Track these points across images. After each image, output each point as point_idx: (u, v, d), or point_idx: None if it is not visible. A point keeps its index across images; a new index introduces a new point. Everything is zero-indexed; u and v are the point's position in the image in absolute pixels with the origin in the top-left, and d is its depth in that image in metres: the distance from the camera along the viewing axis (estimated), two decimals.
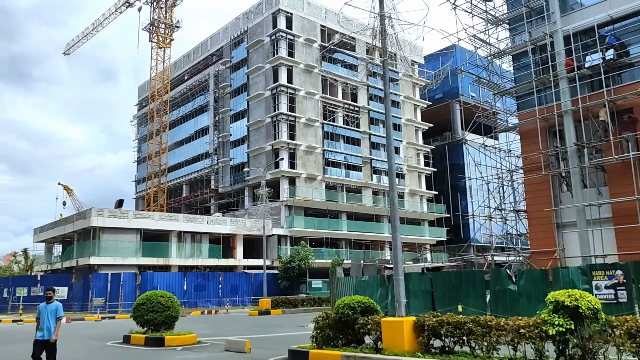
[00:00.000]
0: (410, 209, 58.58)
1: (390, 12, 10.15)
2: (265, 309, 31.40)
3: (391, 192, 10.04)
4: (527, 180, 21.12)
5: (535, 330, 7.74)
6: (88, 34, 66.88)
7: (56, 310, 9.38)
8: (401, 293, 9.80)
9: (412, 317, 9.53)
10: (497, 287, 16.13)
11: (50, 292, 9.73)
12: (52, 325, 9.21)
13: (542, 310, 15.47)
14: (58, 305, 9.48)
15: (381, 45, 10.48)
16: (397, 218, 9.98)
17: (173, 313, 15.77)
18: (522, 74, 21.92)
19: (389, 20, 10.13)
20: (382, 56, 10.47)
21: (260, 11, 54.29)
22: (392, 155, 10.29)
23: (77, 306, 34.77)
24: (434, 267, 25.17)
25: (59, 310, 9.42)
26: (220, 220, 45.40)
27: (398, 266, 9.76)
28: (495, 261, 22.74)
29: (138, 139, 72.26)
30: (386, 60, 10.62)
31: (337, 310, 10.33)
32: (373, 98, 58.08)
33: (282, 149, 49.96)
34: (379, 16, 10.26)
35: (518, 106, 22.19)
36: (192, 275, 38.90)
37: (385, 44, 10.39)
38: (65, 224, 42.71)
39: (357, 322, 10.05)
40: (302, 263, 42.32)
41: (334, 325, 10.38)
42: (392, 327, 9.46)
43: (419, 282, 18.30)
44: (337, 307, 10.39)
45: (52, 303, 9.47)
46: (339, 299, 10.68)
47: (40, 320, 9.30)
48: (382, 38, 10.38)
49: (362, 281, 20.69)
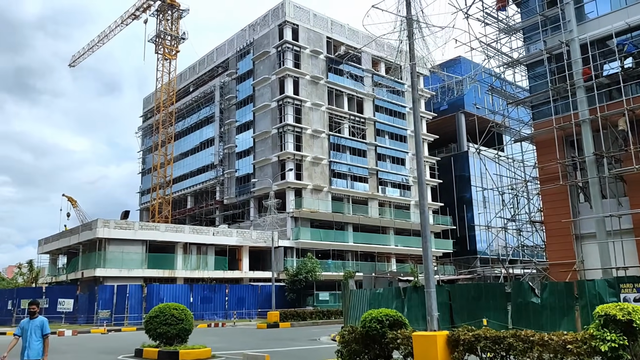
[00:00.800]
0: (416, 220, 58.09)
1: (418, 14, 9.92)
2: (273, 321, 30.90)
3: (421, 200, 9.72)
4: (544, 190, 20.76)
5: (584, 345, 7.34)
6: (94, 46, 67.04)
7: (42, 326, 8.21)
8: (433, 306, 9.43)
9: (445, 332, 9.15)
10: (519, 300, 15.69)
11: (33, 306, 8.44)
12: (37, 344, 8.10)
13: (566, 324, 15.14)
14: (43, 321, 8.30)
15: (409, 49, 10.22)
16: (428, 227, 9.65)
17: (186, 326, 15.38)
18: (537, 83, 21.66)
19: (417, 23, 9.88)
20: (411, 60, 10.18)
21: (267, 23, 54.41)
22: (421, 163, 10.00)
23: (82, 318, 34.28)
24: (449, 280, 24.73)
25: (45, 327, 8.26)
26: (226, 231, 45.02)
27: (430, 278, 9.41)
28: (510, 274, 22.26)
29: (143, 150, 72.16)
30: (414, 65, 10.33)
31: (363, 323, 9.95)
32: (379, 109, 57.98)
33: (288, 160, 49.73)
34: (406, 19, 10.00)
35: (533, 116, 21.91)
36: (199, 288, 38.44)
37: (413, 47, 10.12)
38: (71, 235, 42.36)
39: (385, 337, 9.66)
40: (309, 275, 41.83)
41: (361, 339, 9.99)
42: (425, 341, 9.08)
43: (437, 294, 17.83)
44: (363, 321, 10.01)
45: (36, 318, 8.25)
46: (366, 312, 10.30)
47: (23, 338, 8.16)
48: (409, 42, 10.11)
49: (376, 293, 20.23)
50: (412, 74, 10.11)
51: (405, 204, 58.31)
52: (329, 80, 53.94)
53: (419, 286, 18.40)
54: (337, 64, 55.22)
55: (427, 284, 9.42)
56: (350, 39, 56.80)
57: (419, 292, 18.54)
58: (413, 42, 10.11)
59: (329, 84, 54.00)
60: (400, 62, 10.84)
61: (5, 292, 40.07)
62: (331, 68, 54.72)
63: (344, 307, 23.33)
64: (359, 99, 56.63)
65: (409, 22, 9.92)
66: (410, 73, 9.97)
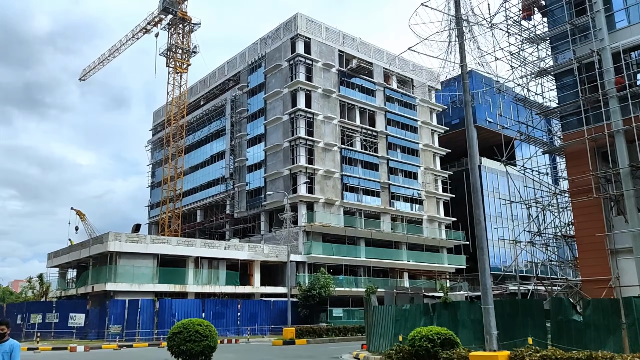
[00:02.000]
0: (429, 235, 57.31)
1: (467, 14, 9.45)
2: (289, 338, 30.07)
3: (476, 210, 9.12)
4: (576, 203, 20.07)
5: None
6: (104, 59, 67.22)
7: (11, 351, 6.69)
8: (492, 323, 8.77)
9: (506, 352, 8.48)
10: (560, 318, 14.93)
11: (2, 327, 6.81)
12: None
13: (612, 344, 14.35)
14: (14, 345, 6.76)
15: (459, 48, 9.73)
16: (484, 238, 9.04)
17: (211, 343, 14.67)
18: (565, 93, 21.10)
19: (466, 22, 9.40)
20: (461, 61, 9.68)
21: (279, 36, 54.35)
22: (475, 171, 9.42)
23: (93, 334, 33.56)
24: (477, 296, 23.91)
25: (16, 353, 6.73)
26: (237, 245, 44.34)
27: (487, 293, 8.77)
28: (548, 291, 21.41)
29: (152, 163, 71.89)
30: (465, 66, 9.83)
31: (412, 342, 9.29)
32: (391, 123, 57.55)
33: (300, 174, 49.21)
34: (456, 18, 9.53)
35: (562, 127, 21.31)
36: (210, 303, 37.68)
37: (464, 48, 9.63)
38: (81, 248, 41.79)
39: (437, 356, 8.98)
40: (323, 291, 40.99)
41: (409, 358, 9.30)
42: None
43: (469, 311, 17.09)
44: (411, 339, 9.34)
45: (5, 342, 6.74)
46: (414, 330, 9.63)
47: None
48: (459, 41, 9.62)
49: (402, 310, 19.46)
50: (463, 75, 9.59)
51: (418, 219, 57.53)
52: (341, 94, 53.65)
53: (449, 302, 17.66)
54: (349, 77, 54.98)
55: (485, 299, 8.77)
56: (362, 52, 56.63)
57: (449, 309, 17.81)
58: (463, 42, 9.60)
59: (340, 97, 53.71)
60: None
61: (15, 307, 39.44)
62: (343, 81, 54.47)
63: (367, 324, 22.55)
64: (370, 112, 56.26)
65: (459, 21, 9.43)
66: (461, 74, 9.44)
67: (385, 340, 20.19)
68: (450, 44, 9.76)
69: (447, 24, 9.50)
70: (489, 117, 67.17)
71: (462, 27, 9.48)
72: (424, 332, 9.30)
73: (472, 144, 9.84)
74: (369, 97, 56.38)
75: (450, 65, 10.15)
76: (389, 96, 58.15)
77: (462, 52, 9.95)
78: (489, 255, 8.36)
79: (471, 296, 24.41)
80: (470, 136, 9.91)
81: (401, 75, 60.53)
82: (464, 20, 9.50)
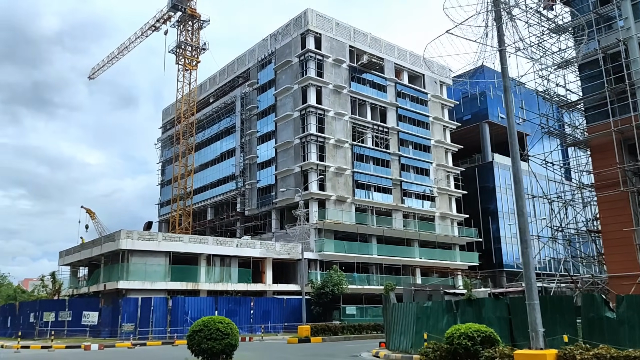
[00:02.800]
0: (441, 232, 56.75)
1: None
2: (304, 336, 29.70)
3: (519, 201, 8.67)
4: (602, 198, 19.52)
5: None
6: (113, 58, 67.19)
7: None
8: (538, 320, 8.34)
9: (554, 350, 8.04)
10: (591, 315, 14.42)
11: None
12: None
13: None
14: None
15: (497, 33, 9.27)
16: (527, 231, 8.61)
17: (233, 341, 14.31)
18: (590, 84, 20.53)
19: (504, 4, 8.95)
20: (500, 45, 9.23)
21: (289, 32, 53.92)
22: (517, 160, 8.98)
23: (106, 332, 33.35)
24: (500, 293, 23.49)
25: None
26: (249, 243, 44.03)
27: (532, 288, 8.33)
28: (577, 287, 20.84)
29: (162, 161, 71.78)
30: (504, 50, 9.37)
31: (450, 340, 8.87)
32: (402, 119, 57.01)
33: (311, 171, 48.82)
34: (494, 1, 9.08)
35: (587, 119, 20.74)
36: (223, 300, 37.39)
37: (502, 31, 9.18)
38: (93, 246, 41.65)
39: (478, 355, 8.55)
40: (336, 288, 40.61)
41: (447, 357, 8.89)
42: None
43: (494, 308, 16.64)
44: (450, 337, 8.92)
45: None
46: (451, 327, 9.21)
47: None
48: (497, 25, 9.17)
49: (424, 307, 19.02)
50: (503, 60, 9.14)
51: (430, 216, 56.98)
52: (351, 90, 53.18)
53: (473, 299, 17.19)
54: (359, 73, 54.49)
55: (529, 295, 8.34)
56: (373, 48, 56.09)
57: (474, 306, 17.35)
58: (502, 25, 9.15)
59: (351, 93, 53.24)
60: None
61: (28, 305, 39.34)
62: (354, 77, 54.00)
63: (386, 322, 22.17)
64: (382, 108, 55.75)
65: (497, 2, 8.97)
66: (500, 59, 8.99)
67: (406, 338, 19.78)
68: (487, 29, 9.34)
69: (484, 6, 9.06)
70: (501, 112, 66.48)
71: (501, 9, 9.04)
72: (463, 330, 8.87)
73: (512, 132, 9.39)
74: (380, 92, 55.85)
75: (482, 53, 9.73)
76: (400, 92, 57.60)
77: (500, 35, 9.50)
78: (530, 251, 7.77)
79: (493, 293, 23.91)
80: (511, 124, 9.47)
81: (412, 71, 59.93)
82: (501, 2, 9.06)
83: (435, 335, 17.05)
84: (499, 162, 63.34)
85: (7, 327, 40.91)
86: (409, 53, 60.30)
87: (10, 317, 41.20)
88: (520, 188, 8.92)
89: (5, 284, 66.68)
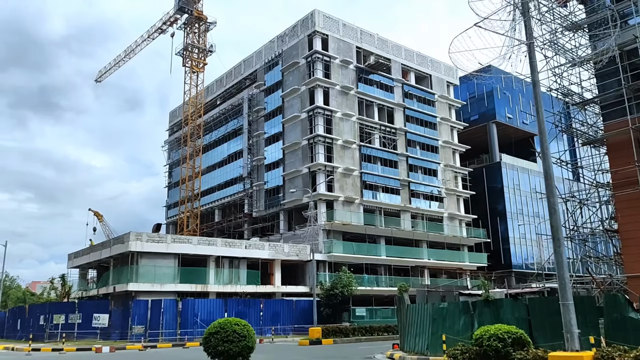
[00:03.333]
0: (450, 233, 56.45)
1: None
2: (316, 338, 29.53)
3: (550, 198, 8.48)
4: (620, 196, 19.25)
5: None
6: (120, 61, 67.24)
7: None
8: (572, 321, 8.14)
9: (590, 352, 7.83)
10: (615, 316, 14.17)
11: None
12: None
13: None
14: None
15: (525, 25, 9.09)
16: (560, 229, 8.41)
17: (249, 343, 14.14)
18: (606, 82, 20.27)
19: None
20: (528, 38, 9.04)
21: (296, 33, 53.84)
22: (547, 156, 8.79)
23: (116, 334, 33.29)
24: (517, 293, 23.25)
25: None
26: (258, 244, 43.92)
27: (566, 288, 8.13)
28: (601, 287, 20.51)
29: (169, 164, 71.81)
30: (532, 44, 9.19)
31: (479, 342, 8.67)
32: (410, 119, 56.80)
33: (319, 172, 48.67)
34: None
35: (603, 117, 20.49)
36: (233, 302, 37.28)
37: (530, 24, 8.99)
38: (102, 248, 41.63)
39: (509, 357, 8.35)
40: (345, 290, 40.42)
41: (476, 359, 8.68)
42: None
43: (512, 309, 16.42)
44: (479, 338, 8.72)
45: None
46: (479, 329, 9.02)
47: None
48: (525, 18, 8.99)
49: (440, 308, 18.81)
50: (531, 54, 8.95)
51: (438, 216, 56.70)
52: (359, 90, 53.03)
53: (491, 300, 16.96)
54: (367, 74, 54.34)
55: (563, 295, 8.14)
56: (380, 49, 55.92)
57: (491, 307, 17.12)
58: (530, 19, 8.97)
59: (359, 94, 53.09)
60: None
61: (37, 307, 39.35)
62: (361, 78, 53.85)
63: (400, 324, 21.96)
64: (389, 109, 55.57)
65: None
66: (528, 53, 8.80)
67: (422, 340, 19.57)
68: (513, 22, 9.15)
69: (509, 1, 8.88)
70: (509, 112, 66.14)
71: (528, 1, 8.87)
72: (493, 331, 8.68)
73: (542, 128, 9.20)
74: (388, 93, 55.67)
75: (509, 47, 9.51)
76: (407, 92, 57.40)
77: (528, 28, 9.32)
78: (562, 249, 7.56)
79: (510, 293, 23.66)
80: (541, 119, 9.29)
81: (419, 72, 59.72)
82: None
83: (452, 337, 16.85)
84: (506, 163, 63.02)
85: (17, 329, 40.94)
86: (416, 54, 60.09)
87: (20, 320, 41.23)
88: (552, 184, 8.73)
89: (15, 287, 66.80)
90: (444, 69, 62.37)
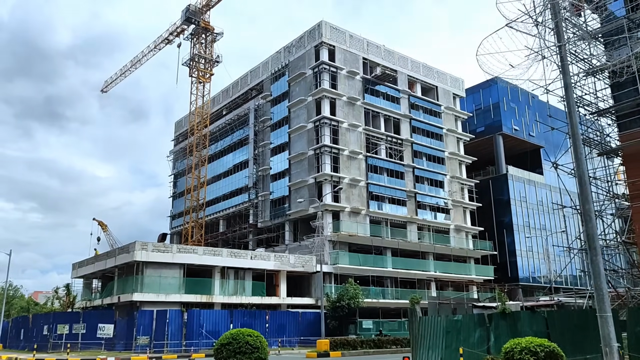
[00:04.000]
0: (456, 245, 55.97)
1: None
2: (323, 350, 29.06)
3: (586, 205, 8.19)
4: (637, 208, 18.90)
5: None
6: (126, 71, 67.56)
7: None
8: (612, 334, 7.80)
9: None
10: (638, 329, 13.83)
11: None
12: None
13: None
14: None
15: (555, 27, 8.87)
16: (597, 238, 8.10)
17: (262, 355, 13.86)
18: (622, 91, 20.04)
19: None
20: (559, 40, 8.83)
21: (302, 44, 53.92)
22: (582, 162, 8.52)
23: (121, 345, 32.84)
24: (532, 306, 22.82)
25: None
26: (263, 255, 43.53)
27: (604, 300, 7.81)
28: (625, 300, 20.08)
29: (174, 174, 71.68)
30: (563, 46, 8.97)
31: (510, 355, 8.35)
32: (416, 130, 56.63)
33: (325, 182, 48.41)
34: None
35: (619, 127, 20.22)
36: (238, 314, 36.82)
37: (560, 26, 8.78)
38: (107, 258, 41.32)
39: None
40: (352, 302, 39.94)
41: None
42: None
43: (530, 322, 16.06)
44: (510, 352, 8.39)
45: None
46: (509, 341, 8.68)
47: None
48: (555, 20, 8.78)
49: (454, 321, 18.44)
50: (562, 57, 8.73)
51: (445, 228, 56.25)
52: (365, 101, 52.94)
53: (508, 312, 16.58)
54: (373, 85, 54.30)
55: (601, 306, 7.81)
56: (386, 60, 55.94)
57: (508, 320, 16.74)
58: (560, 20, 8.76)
59: (365, 105, 52.99)
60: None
61: (41, 317, 38.95)
62: (367, 89, 53.79)
63: (412, 337, 21.51)
64: (395, 120, 55.42)
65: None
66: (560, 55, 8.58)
67: (435, 353, 19.14)
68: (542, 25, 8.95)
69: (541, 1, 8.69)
70: (515, 124, 65.92)
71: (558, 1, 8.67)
72: (524, 344, 8.36)
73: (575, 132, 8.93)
74: (394, 104, 55.58)
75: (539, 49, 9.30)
76: (413, 103, 57.30)
77: (558, 31, 9.11)
78: (599, 259, 7.29)
79: (525, 306, 23.24)
80: (574, 122, 9.02)
81: (426, 83, 59.68)
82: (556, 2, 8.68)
83: (468, 350, 16.44)
84: (513, 175, 62.69)
85: (20, 339, 40.52)
86: (422, 65, 60.11)
87: (23, 330, 40.82)
88: (587, 191, 8.44)
89: (19, 296, 66.39)
90: (450, 81, 62.34)
